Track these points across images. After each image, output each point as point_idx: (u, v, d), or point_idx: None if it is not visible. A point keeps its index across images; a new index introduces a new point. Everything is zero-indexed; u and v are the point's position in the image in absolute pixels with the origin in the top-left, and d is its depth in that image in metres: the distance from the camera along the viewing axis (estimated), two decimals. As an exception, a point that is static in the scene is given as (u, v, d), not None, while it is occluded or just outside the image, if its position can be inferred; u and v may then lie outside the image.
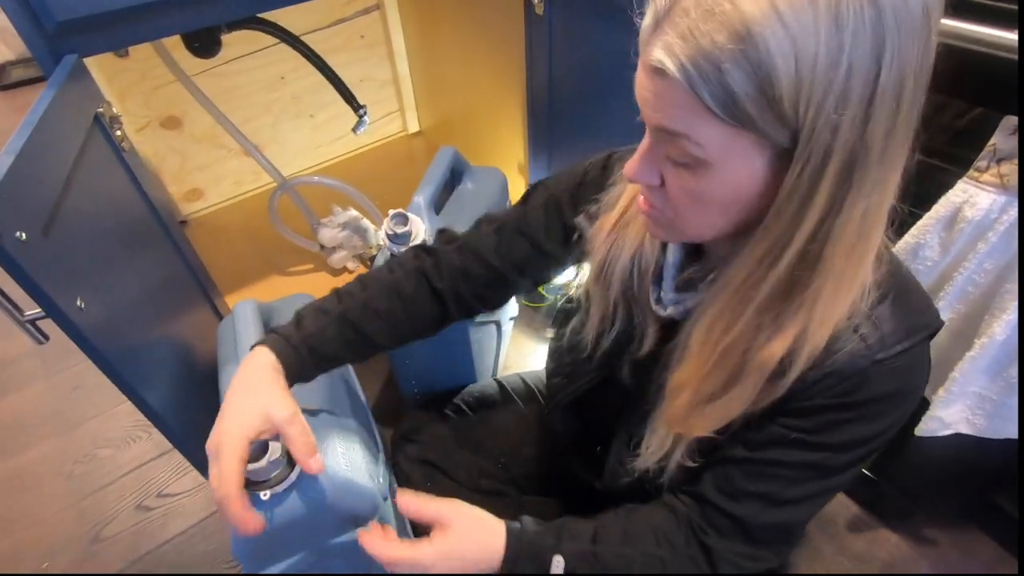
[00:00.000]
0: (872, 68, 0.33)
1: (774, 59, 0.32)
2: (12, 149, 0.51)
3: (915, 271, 0.72)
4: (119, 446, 1.24)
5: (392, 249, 0.83)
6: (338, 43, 1.55)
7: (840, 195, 0.37)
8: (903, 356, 0.44)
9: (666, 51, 0.35)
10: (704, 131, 0.36)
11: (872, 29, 0.32)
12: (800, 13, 0.32)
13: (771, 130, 0.35)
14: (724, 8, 0.33)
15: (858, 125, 0.34)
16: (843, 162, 0.35)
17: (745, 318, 0.43)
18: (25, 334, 0.54)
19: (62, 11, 0.65)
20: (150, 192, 0.82)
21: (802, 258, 0.39)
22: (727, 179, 0.39)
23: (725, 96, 0.34)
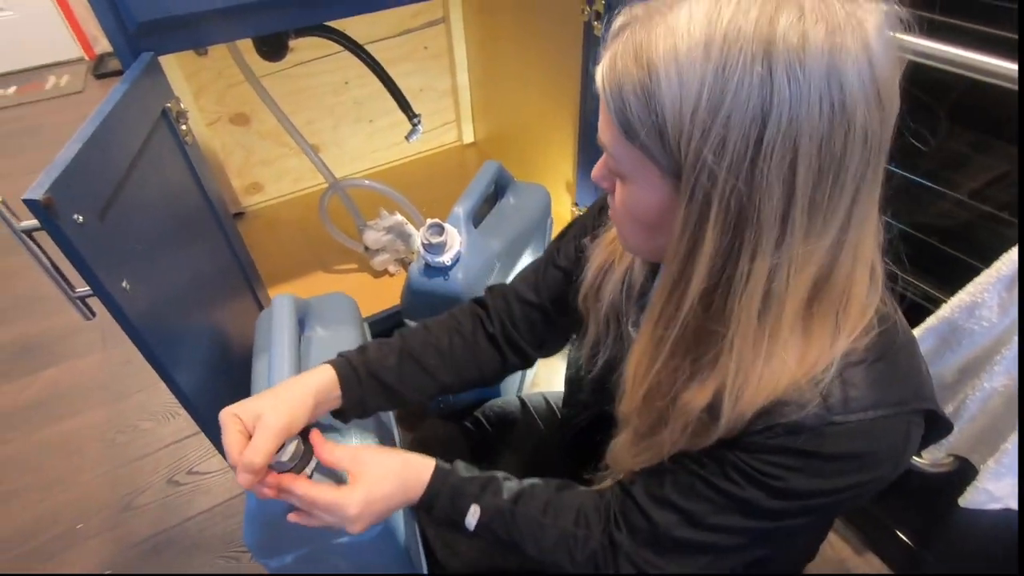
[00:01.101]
0: (755, 123, 0.33)
1: (663, 92, 0.35)
2: (81, 137, 0.55)
3: (969, 331, 0.67)
4: (159, 420, 1.30)
5: (427, 258, 0.84)
6: (402, 53, 1.60)
7: (731, 248, 0.37)
8: (866, 424, 0.40)
9: (599, 70, 0.39)
10: (618, 148, 0.40)
11: (759, 85, 0.33)
12: (693, 54, 0.34)
13: (661, 159, 0.38)
14: (641, 41, 0.36)
15: (742, 179, 0.35)
16: (728, 212, 0.36)
17: (662, 357, 0.44)
18: (74, 309, 0.58)
19: (142, 13, 0.70)
20: (207, 185, 0.87)
21: (706, 306, 0.41)
22: (639, 196, 0.41)
23: (625, 118, 0.37)
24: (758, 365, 0.40)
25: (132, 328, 0.58)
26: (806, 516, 0.45)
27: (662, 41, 0.35)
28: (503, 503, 0.55)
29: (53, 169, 0.51)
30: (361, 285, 1.37)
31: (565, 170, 1.39)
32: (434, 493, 0.55)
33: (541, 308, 0.67)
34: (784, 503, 0.44)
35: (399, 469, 0.55)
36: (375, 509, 0.53)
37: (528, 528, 0.54)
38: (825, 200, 0.36)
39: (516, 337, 0.68)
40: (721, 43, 0.33)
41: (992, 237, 0.70)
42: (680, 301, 0.41)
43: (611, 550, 0.52)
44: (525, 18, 1.34)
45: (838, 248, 0.38)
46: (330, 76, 1.53)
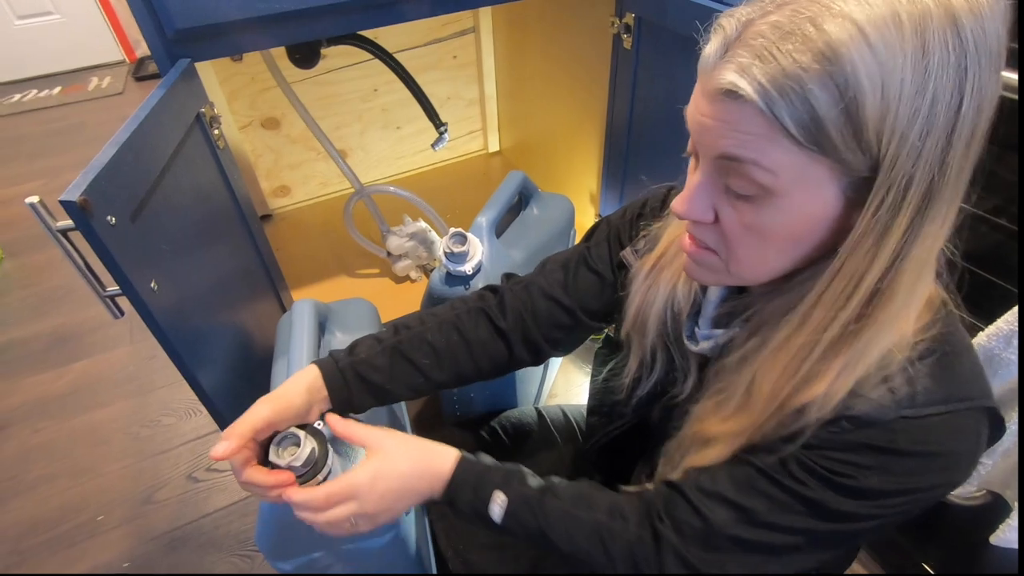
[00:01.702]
0: (955, 96, 0.32)
1: (861, 82, 0.32)
2: (117, 141, 0.57)
3: (1007, 361, 0.65)
4: (181, 416, 1.33)
5: (448, 267, 0.84)
6: (431, 61, 1.62)
7: (916, 228, 0.35)
8: (934, 420, 0.39)
9: (741, 72, 0.34)
10: (777, 157, 0.35)
11: (956, 57, 0.32)
12: (887, 37, 0.31)
13: (851, 157, 0.34)
14: (807, 30, 0.32)
15: (938, 155, 0.33)
16: (923, 193, 0.34)
17: (809, 364, 0.40)
18: (103, 307, 0.59)
19: (181, 20, 0.72)
20: (237, 189, 0.89)
21: (871, 296, 0.38)
22: (793, 210, 0.37)
23: (808, 119, 0.33)
24: (882, 341, 0.39)
25: (158, 328, 0.59)
26: (874, 520, 0.42)
27: (838, 24, 0.31)
28: (530, 491, 0.52)
29: (89, 171, 0.52)
30: (383, 290, 1.38)
31: (590, 182, 1.38)
32: (459, 481, 0.52)
33: (570, 309, 0.63)
34: (855, 504, 0.41)
35: (420, 451, 0.53)
36: (391, 487, 0.50)
37: (557, 518, 0.50)
38: (976, 160, 0.36)
39: (535, 334, 0.64)
40: (911, 20, 0.31)
41: (1032, 264, 0.68)
42: (849, 299, 0.38)
43: (654, 545, 0.48)
44: (554, 30, 1.34)
45: None
46: (360, 83, 1.56)
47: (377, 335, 0.63)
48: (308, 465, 0.52)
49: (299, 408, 0.54)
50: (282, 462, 0.51)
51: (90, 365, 1.48)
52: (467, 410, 1.07)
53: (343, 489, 0.50)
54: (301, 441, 0.52)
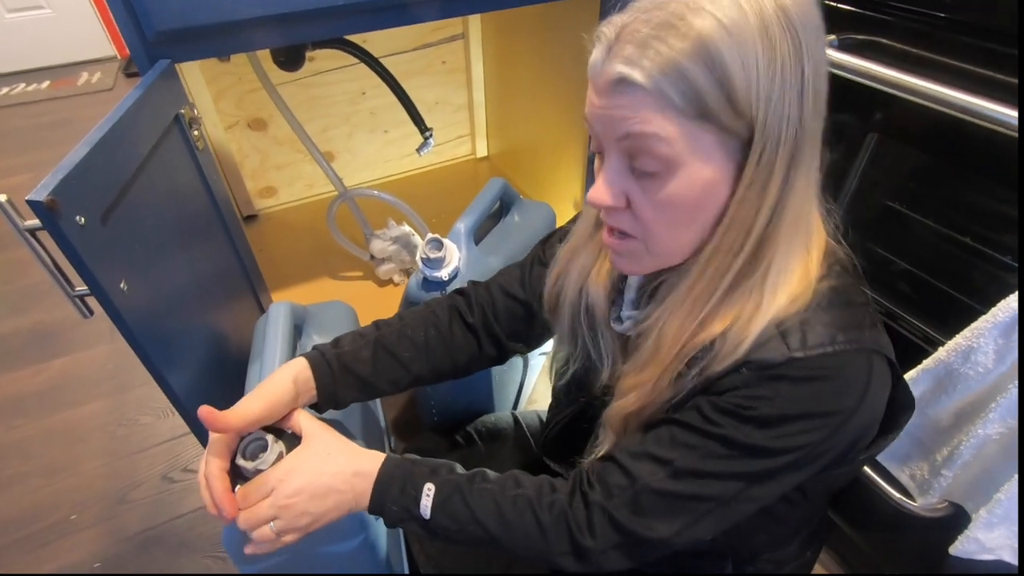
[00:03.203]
0: (796, 64, 0.40)
1: (726, 60, 0.38)
2: (89, 141, 0.57)
3: (965, 376, 0.66)
4: (159, 416, 1.32)
5: (425, 272, 0.85)
6: (420, 66, 1.62)
7: (788, 178, 0.42)
8: (824, 359, 0.43)
9: (627, 63, 0.40)
10: (670, 129, 0.41)
11: (791, 33, 0.39)
12: (738, 23, 0.38)
13: (730, 122, 0.40)
14: (675, 23, 0.39)
15: (796, 113, 0.40)
16: (790, 147, 0.41)
17: (706, 310, 0.45)
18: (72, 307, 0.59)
19: (161, 22, 0.72)
20: (216, 190, 0.89)
21: (759, 243, 0.44)
22: (693, 178, 0.42)
23: (691, 92, 0.39)
24: (780, 286, 0.44)
25: (127, 329, 0.60)
26: (787, 454, 0.45)
27: (702, 21, 0.38)
28: (459, 478, 0.53)
29: (59, 171, 0.52)
30: (365, 293, 1.38)
31: (574, 189, 1.39)
32: (386, 478, 0.52)
33: (524, 303, 0.68)
34: (762, 434, 0.44)
35: (346, 450, 0.54)
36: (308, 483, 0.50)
37: (486, 502, 0.51)
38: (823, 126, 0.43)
39: (496, 328, 0.68)
40: (752, 11, 0.38)
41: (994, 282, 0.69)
42: (741, 248, 0.43)
43: (584, 511, 0.50)
44: (542, 39, 1.35)
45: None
46: (347, 86, 1.56)
47: (359, 331, 0.65)
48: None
49: (287, 402, 0.56)
50: (249, 466, 0.51)
51: (68, 362, 1.47)
52: (444, 416, 1.07)
53: (257, 484, 0.50)
54: (268, 445, 0.52)
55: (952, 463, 0.70)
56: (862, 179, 0.80)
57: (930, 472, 0.76)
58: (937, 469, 0.74)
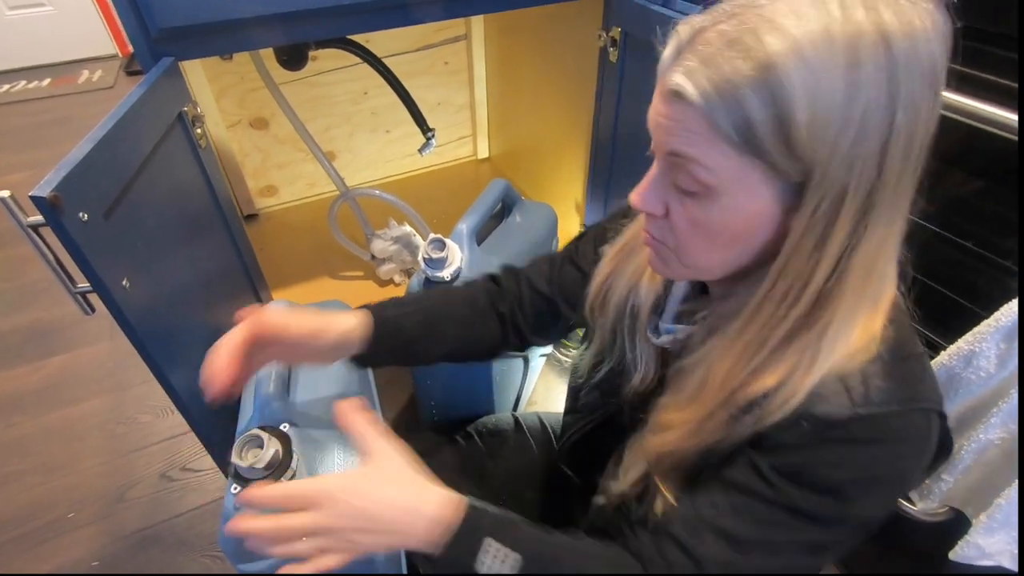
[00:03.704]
0: (887, 109, 0.35)
1: (794, 92, 0.34)
2: (93, 137, 0.57)
3: (967, 380, 0.66)
4: (158, 414, 1.32)
5: (427, 272, 0.85)
6: (422, 67, 1.63)
7: (857, 233, 0.38)
8: (888, 419, 0.41)
9: (687, 75, 0.36)
10: (716, 157, 0.37)
11: (887, 72, 0.34)
12: (820, 51, 0.33)
13: (783, 163, 0.36)
14: (748, 41, 0.34)
15: (875, 164, 0.36)
16: (861, 200, 0.37)
17: (759, 359, 0.42)
18: (74, 304, 0.59)
19: (165, 19, 0.72)
20: (218, 188, 0.89)
21: (817, 296, 0.40)
22: (733, 209, 0.39)
23: (742, 123, 0.35)
24: (840, 343, 0.41)
25: (129, 326, 0.59)
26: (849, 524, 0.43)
27: (777, 38, 0.34)
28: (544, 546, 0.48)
29: (62, 168, 0.52)
30: (366, 293, 1.38)
31: (575, 190, 1.39)
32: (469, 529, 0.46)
33: (551, 300, 0.67)
34: (820, 499, 0.42)
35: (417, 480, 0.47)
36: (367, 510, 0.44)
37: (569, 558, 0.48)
38: (914, 173, 0.38)
39: (521, 322, 0.68)
40: (844, 37, 0.33)
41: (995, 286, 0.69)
42: (797, 299, 0.40)
43: None
44: (544, 41, 1.35)
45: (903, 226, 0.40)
46: (350, 85, 1.56)
47: (409, 299, 0.67)
48: (271, 468, 0.52)
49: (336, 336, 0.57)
50: (244, 463, 0.51)
51: (67, 360, 1.47)
52: (444, 415, 1.07)
53: (309, 491, 0.44)
54: (264, 443, 0.52)
55: (953, 468, 0.70)
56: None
57: (930, 477, 0.76)
58: (937, 474, 0.74)
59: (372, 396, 0.90)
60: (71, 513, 1.14)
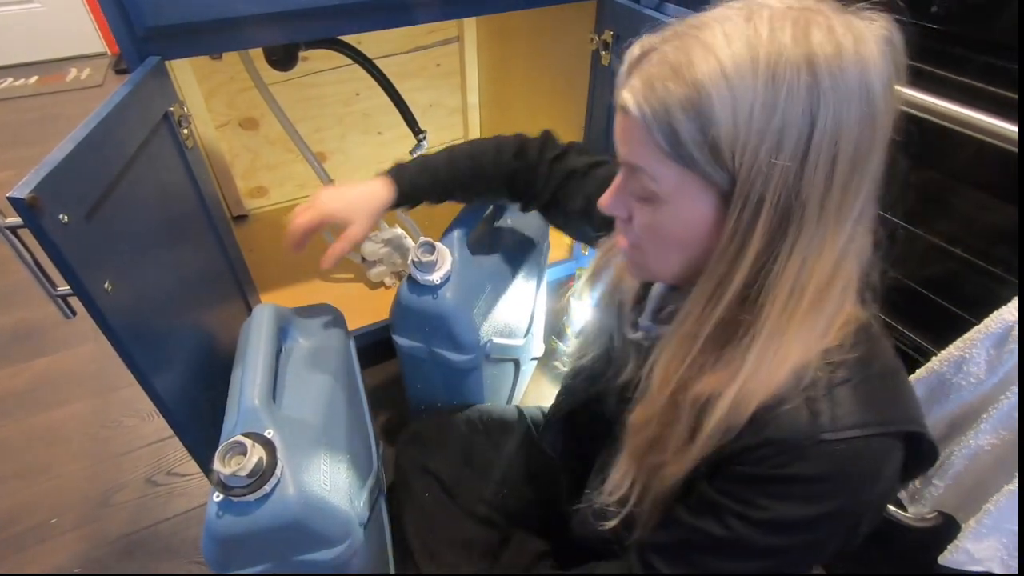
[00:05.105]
0: (805, 127, 0.37)
1: (716, 111, 0.37)
2: (74, 137, 0.56)
3: (957, 386, 0.66)
4: (143, 418, 1.30)
5: (416, 275, 0.84)
6: (414, 68, 1.62)
7: (775, 244, 0.40)
8: (853, 443, 0.41)
9: (631, 93, 0.41)
10: (659, 168, 0.41)
11: (807, 91, 0.36)
12: (743, 73, 0.37)
13: (713, 174, 0.39)
14: (681, 63, 0.38)
15: (792, 178, 0.38)
16: (777, 211, 0.39)
17: (693, 353, 0.45)
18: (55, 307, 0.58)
19: (152, 18, 0.71)
20: (205, 190, 0.87)
21: (741, 301, 0.42)
22: (679, 216, 0.43)
23: (674, 138, 0.39)
24: (770, 355, 0.42)
25: (111, 330, 0.58)
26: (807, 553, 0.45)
27: (704, 61, 0.37)
28: None
29: (42, 168, 0.51)
30: (356, 296, 1.37)
31: (567, 194, 1.39)
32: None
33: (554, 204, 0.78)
34: (776, 537, 0.43)
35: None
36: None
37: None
38: (850, 194, 0.39)
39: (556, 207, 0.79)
40: (766, 58, 0.36)
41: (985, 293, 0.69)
42: (719, 299, 0.43)
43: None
44: (536, 44, 1.35)
45: (848, 243, 0.41)
46: (341, 87, 1.55)
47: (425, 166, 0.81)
48: (254, 475, 0.51)
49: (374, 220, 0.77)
50: (226, 471, 0.50)
51: (51, 362, 1.44)
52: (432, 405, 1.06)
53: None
54: (248, 450, 0.51)
55: (944, 473, 0.70)
56: (855, 188, 0.81)
57: (921, 482, 0.76)
58: (929, 479, 0.74)
59: (361, 399, 0.90)
60: (54, 519, 1.12)
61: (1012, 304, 0.61)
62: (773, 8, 0.38)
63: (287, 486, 0.56)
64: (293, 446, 0.60)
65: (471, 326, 0.88)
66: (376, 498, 0.77)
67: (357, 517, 0.66)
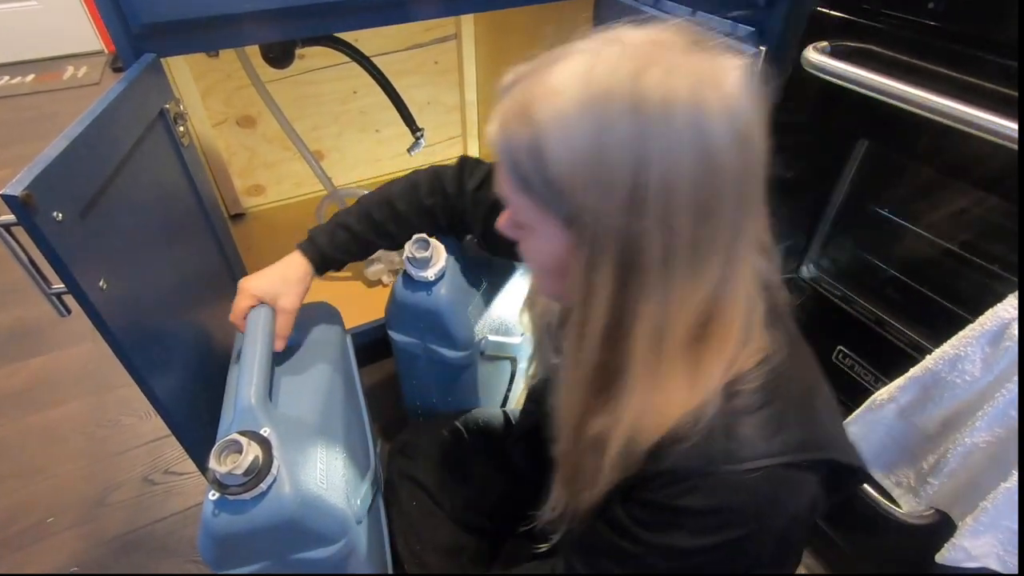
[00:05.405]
0: (633, 173, 0.36)
1: (550, 148, 0.38)
2: (69, 135, 0.56)
3: (952, 384, 0.66)
4: (141, 417, 1.30)
5: (410, 272, 0.84)
6: (411, 66, 1.61)
7: (627, 288, 0.40)
8: (747, 475, 0.40)
9: (492, 126, 0.42)
10: (516, 198, 0.43)
11: (633, 139, 0.36)
12: (572, 113, 0.37)
13: (556, 209, 0.40)
14: (527, 102, 0.39)
15: (626, 225, 0.38)
16: (619, 256, 0.39)
17: (578, 396, 0.46)
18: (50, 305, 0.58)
19: (147, 15, 0.71)
20: (201, 187, 0.87)
21: (608, 344, 0.42)
22: (541, 246, 0.44)
23: (522, 175, 0.40)
24: (651, 397, 0.42)
25: (105, 328, 0.58)
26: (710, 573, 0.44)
27: (544, 101, 0.38)
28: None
29: (36, 165, 0.51)
30: (354, 294, 1.37)
31: (565, 192, 1.39)
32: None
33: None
34: (669, 564, 0.44)
35: None
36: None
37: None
38: (703, 242, 0.39)
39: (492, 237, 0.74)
40: (596, 102, 0.36)
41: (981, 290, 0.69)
42: (584, 341, 0.43)
43: None
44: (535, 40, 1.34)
45: (721, 287, 0.41)
46: (339, 84, 1.55)
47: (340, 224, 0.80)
48: (250, 474, 0.51)
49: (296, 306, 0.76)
50: (222, 469, 0.50)
51: (48, 361, 1.44)
52: (429, 414, 1.06)
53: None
54: (244, 448, 0.51)
55: (939, 471, 0.70)
56: (852, 185, 0.81)
57: (916, 479, 0.76)
58: (924, 476, 0.74)
59: (358, 397, 0.89)
60: (50, 518, 1.11)
61: (1007, 301, 0.61)
62: (625, 45, 0.38)
63: (283, 484, 0.56)
64: (289, 444, 0.60)
65: (465, 323, 0.88)
66: (374, 496, 0.77)
67: (354, 515, 0.66)
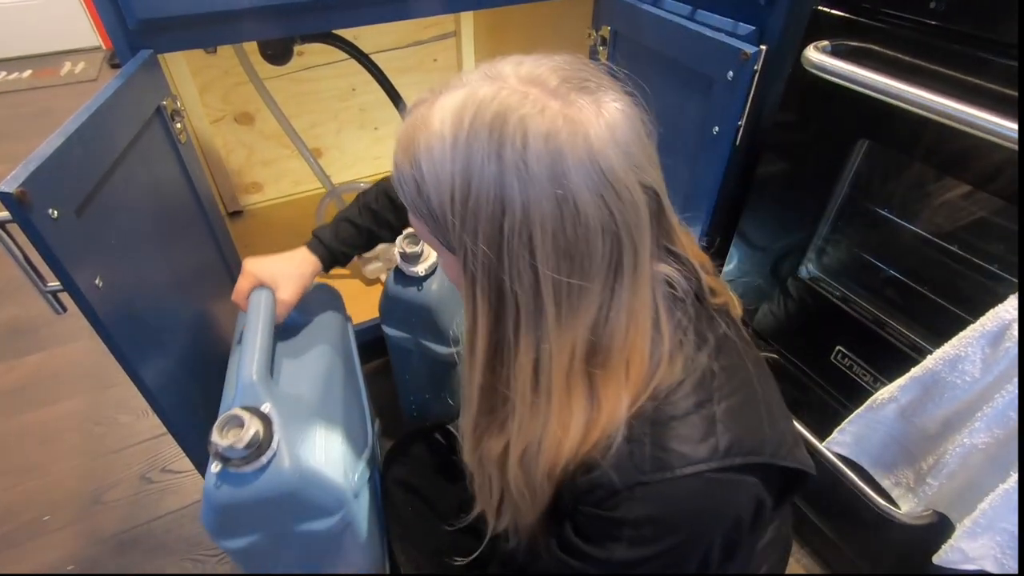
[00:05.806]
0: (496, 214, 0.38)
1: (427, 183, 0.40)
2: (64, 131, 0.55)
3: (952, 384, 0.66)
4: (138, 415, 1.29)
5: (403, 267, 0.84)
6: (411, 63, 1.61)
7: (499, 321, 0.41)
8: (680, 483, 0.40)
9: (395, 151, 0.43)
10: (414, 220, 0.45)
11: (494, 182, 0.37)
12: (443, 152, 0.39)
13: (439, 235, 0.42)
14: (411, 133, 0.41)
15: (493, 262, 0.39)
16: (491, 291, 0.40)
17: (473, 412, 0.47)
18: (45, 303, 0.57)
19: (144, 11, 0.70)
20: (198, 185, 0.87)
21: (492, 369, 0.44)
22: (445, 264, 0.46)
23: (406, 197, 0.43)
24: (538, 426, 0.43)
25: (101, 326, 0.58)
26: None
27: (422, 137, 0.40)
28: None
29: (31, 162, 0.50)
30: (352, 292, 1.36)
31: (564, 190, 1.38)
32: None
33: None
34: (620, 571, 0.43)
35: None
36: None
37: None
38: (574, 284, 0.39)
39: None
40: (462, 144, 0.38)
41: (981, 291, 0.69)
42: (473, 360, 0.44)
43: None
44: (534, 39, 1.34)
45: (603, 323, 0.41)
46: (337, 82, 1.54)
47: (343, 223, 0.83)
48: (251, 447, 0.52)
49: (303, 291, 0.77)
50: (224, 443, 0.51)
51: (44, 359, 1.43)
52: (425, 413, 1.06)
53: None
54: (245, 423, 0.52)
55: (938, 472, 0.70)
56: (852, 185, 0.80)
57: (915, 480, 0.76)
58: (923, 477, 0.74)
59: (357, 376, 0.89)
60: (46, 516, 1.11)
61: (1008, 302, 0.61)
62: (501, 83, 0.39)
63: (283, 458, 0.57)
64: (290, 420, 0.61)
65: (457, 319, 0.88)
66: (372, 472, 0.77)
67: (352, 489, 0.66)
